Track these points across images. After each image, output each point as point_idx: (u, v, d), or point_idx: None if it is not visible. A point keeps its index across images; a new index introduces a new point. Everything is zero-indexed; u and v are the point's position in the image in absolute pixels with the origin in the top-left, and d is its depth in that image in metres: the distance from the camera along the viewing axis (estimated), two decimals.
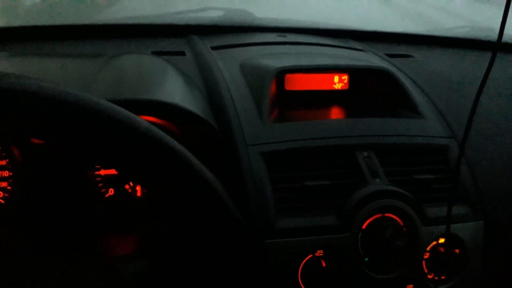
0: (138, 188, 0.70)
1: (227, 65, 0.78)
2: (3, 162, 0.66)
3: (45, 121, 0.39)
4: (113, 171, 0.69)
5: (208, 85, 0.74)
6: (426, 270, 0.61)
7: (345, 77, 0.78)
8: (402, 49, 1.00)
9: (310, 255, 0.58)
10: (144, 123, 0.43)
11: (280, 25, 1.05)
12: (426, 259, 0.61)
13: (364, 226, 0.58)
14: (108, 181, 0.69)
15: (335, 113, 0.76)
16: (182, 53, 0.86)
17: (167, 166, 0.43)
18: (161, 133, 0.43)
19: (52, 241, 0.63)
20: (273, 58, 0.78)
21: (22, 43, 0.87)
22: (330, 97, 0.78)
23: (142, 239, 0.66)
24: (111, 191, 0.70)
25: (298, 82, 0.77)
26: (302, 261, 0.57)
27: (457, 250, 0.63)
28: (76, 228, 0.66)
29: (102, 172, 0.69)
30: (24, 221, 0.66)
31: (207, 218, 0.47)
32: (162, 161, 0.43)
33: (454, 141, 0.69)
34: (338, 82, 0.78)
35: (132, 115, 0.42)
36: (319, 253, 0.58)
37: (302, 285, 0.58)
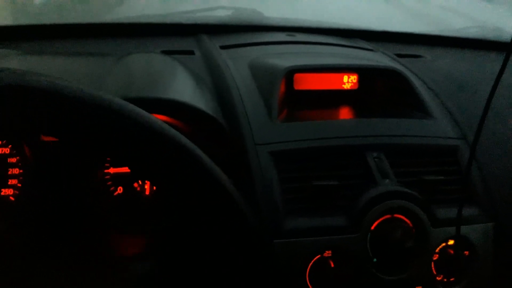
0: (147, 186, 0.71)
1: (236, 65, 0.78)
2: (14, 160, 0.66)
3: (59, 119, 0.39)
4: (122, 169, 0.69)
5: (217, 84, 0.74)
6: (435, 272, 0.61)
7: (354, 77, 0.78)
8: (412, 49, 0.99)
9: (319, 256, 0.58)
10: (158, 121, 0.43)
11: (289, 24, 1.05)
12: (435, 261, 0.61)
13: (373, 227, 0.58)
14: (117, 179, 0.69)
15: (344, 113, 0.76)
16: (191, 52, 0.86)
17: (179, 164, 0.44)
18: (174, 132, 0.43)
19: (60, 239, 0.63)
20: (282, 58, 0.78)
21: (33, 42, 0.88)
22: (339, 97, 0.77)
23: (150, 238, 0.66)
24: (120, 189, 0.70)
25: (307, 82, 0.76)
26: (310, 262, 0.57)
27: (466, 252, 0.62)
28: (84, 226, 0.66)
29: (112, 170, 0.69)
30: (33, 218, 0.67)
31: (217, 216, 0.47)
32: (174, 159, 0.43)
33: (464, 142, 0.69)
34: (348, 82, 0.78)
35: (145, 113, 0.42)
36: (328, 253, 0.58)
37: (310, 286, 0.57)
